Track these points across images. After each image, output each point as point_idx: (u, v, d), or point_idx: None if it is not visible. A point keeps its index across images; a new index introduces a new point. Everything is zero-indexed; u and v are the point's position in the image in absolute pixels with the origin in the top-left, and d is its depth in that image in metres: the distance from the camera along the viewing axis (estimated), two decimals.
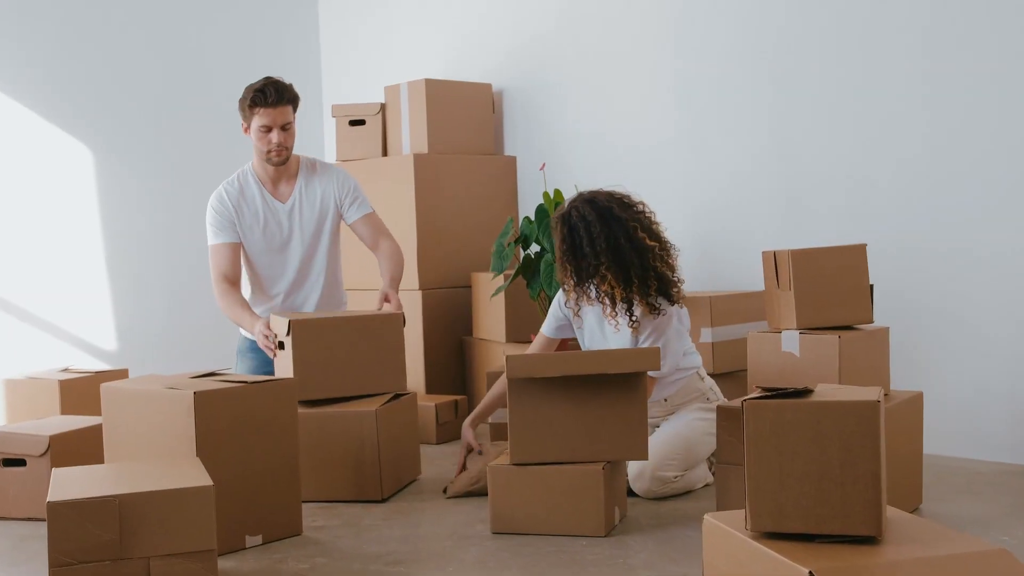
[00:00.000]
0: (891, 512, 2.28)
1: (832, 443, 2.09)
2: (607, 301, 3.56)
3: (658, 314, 3.55)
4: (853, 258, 3.33)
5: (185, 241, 5.97)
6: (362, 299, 5.15)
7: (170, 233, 6.11)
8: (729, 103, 4.85)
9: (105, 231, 5.98)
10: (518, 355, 3.26)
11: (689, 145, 5.00)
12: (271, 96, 4.11)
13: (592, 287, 3.58)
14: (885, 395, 3.29)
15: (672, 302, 3.57)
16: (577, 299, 3.65)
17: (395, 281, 4.20)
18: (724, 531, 2.27)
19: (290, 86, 4.19)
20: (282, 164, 4.22)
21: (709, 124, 4.94)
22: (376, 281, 4.30)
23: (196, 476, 2.83)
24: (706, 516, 2.36)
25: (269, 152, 4.17)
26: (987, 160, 4.03)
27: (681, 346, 3.70)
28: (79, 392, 4.65)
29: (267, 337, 3.90)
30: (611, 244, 3.49)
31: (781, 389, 2.22)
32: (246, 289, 4.38)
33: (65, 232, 5.85)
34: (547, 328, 3.91)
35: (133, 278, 6.06)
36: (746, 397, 2.19)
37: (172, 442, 3.18)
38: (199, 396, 3.12)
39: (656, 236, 3.56)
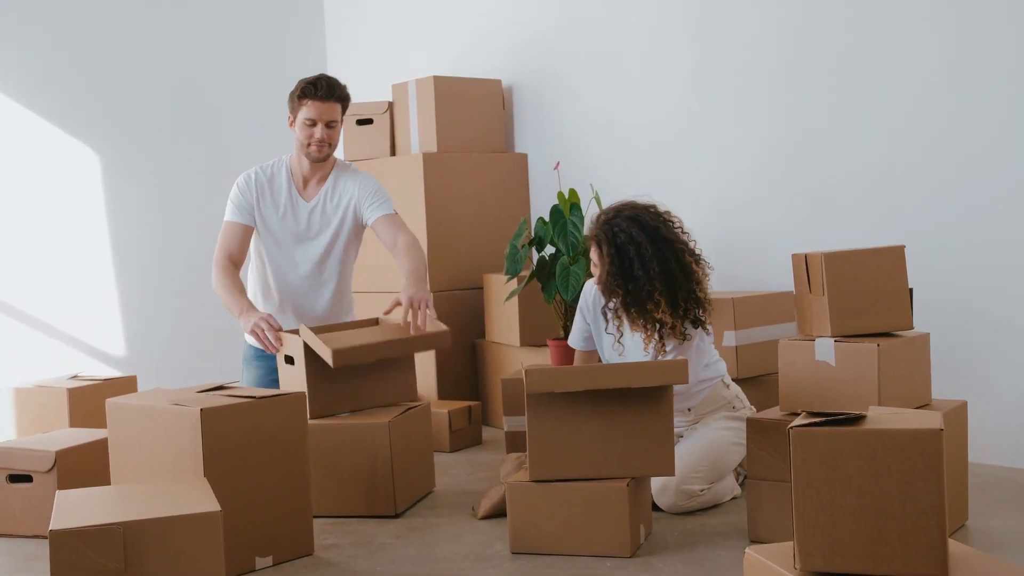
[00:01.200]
0: (951, 547, 2.12)
1: (890, 475, 1.92)
2: (649, 325, 3.44)
3: (684, 339, 3.46)
4: (890, 260, 3.17)
5: (194, 246, 5.87)
6: (369, 303, 5.00)
7: (178, 238, 6.00)
8: (748, 96, 4.71)
9: (113, 236, 5.88)
10: (538, 368, 3.12)
11: (707, 140, 4.86)
12: (322, 90, 4.04)
13: (636, 311, 3.45)
14: (926, 405, 3.14)
15: (697, 326, 3.48)
16: (620, 324, 3.55)
17: (414, 276, 3.94)
18: (769, 569, 2.11)
19: (343, 86, 4.13)
20: (320, 160, 4.11)
21: (727, 118, 4.79)
22: (382, 284, 4.14)
23: (203, 500, 2.70)
24: (748, 551, 2.19)
25: (309, 146, 4.07)
26: None
27: (701, 360, 3.58)
28: (88, 400, 4.58)
29: (264, 331, 3.78)
30: (663, 268, 3.40)
31: (830, 414, 2.05)
32: (250, 286, 4.26)
33: (73, 238, 5.76)
34: (577, 341, 3.83)
35: (141, 283, 5.96)
36: (794, 424, 2.02)
37: (179, 460, 3.06)
38: (206, 413, 3.00)
39: (698, 260, 3.48)
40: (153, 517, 2.56)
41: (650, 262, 3.39)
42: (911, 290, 3.20)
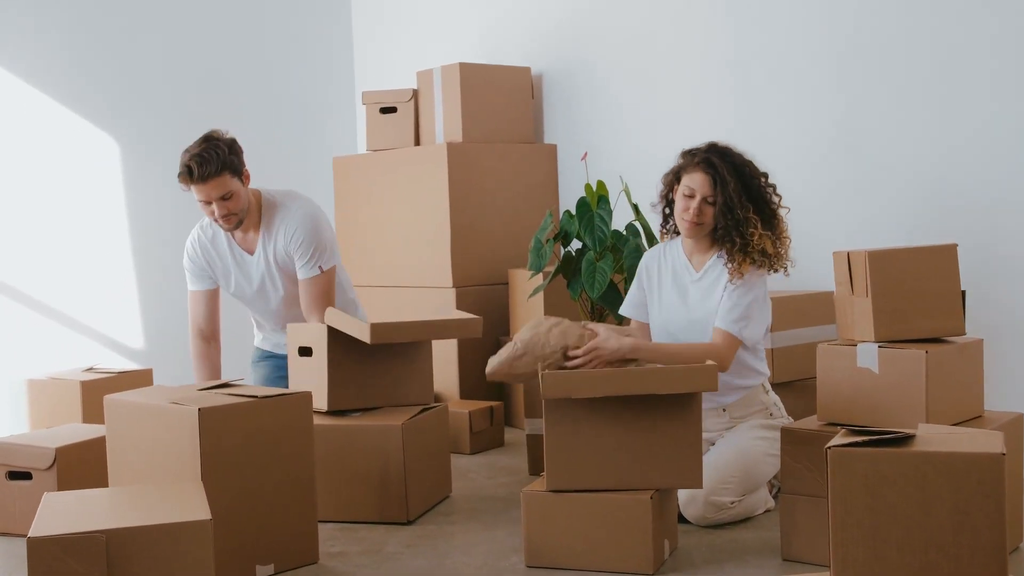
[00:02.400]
0: None
1: (943, 505, 1.69)
2: (738, 255, 3.33)
3: (768, 269, 3.37)
4: (941, 260, 2.94)
5: None
6: (379, 297, 4.84)
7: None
8: (789, 83, 4.52)
9: (132, 227, 5.77)
10: (556, 372, 2.92)
11: (745, 131, 4.65)
12: (196, 172, 3.74)
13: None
14: (978, 417, 2.91)
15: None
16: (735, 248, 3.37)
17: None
18: None
19: (224, 150, 3.79)
20: (236, 228, 3.91)
21: (766, 106, 4.60)
22: (392, 279, 3.96)
23: (194, 507, 2.52)
24: None
25: (216, 222, 3.88)
26: None
27: (764, 320, 3.41)
28: (101, 393, 4.41)
29: None
30: (766, 198, 3.41)
31: (874, 431, 1.82)
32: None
33: (92, 228, 5.66)
34: (629, 309, 3.60)
35: (161, 275, 5.83)
36: (833, 443, 1.80)
37: (177, 461, 2.90)
38: (204, 413, 2.84)
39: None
40: (138, 525, 2.39)
41: (760, 190, 3.38)
42: (963, 292, 2.97)
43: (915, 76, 4.09)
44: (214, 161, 3.73)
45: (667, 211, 3.55)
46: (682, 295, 3.46)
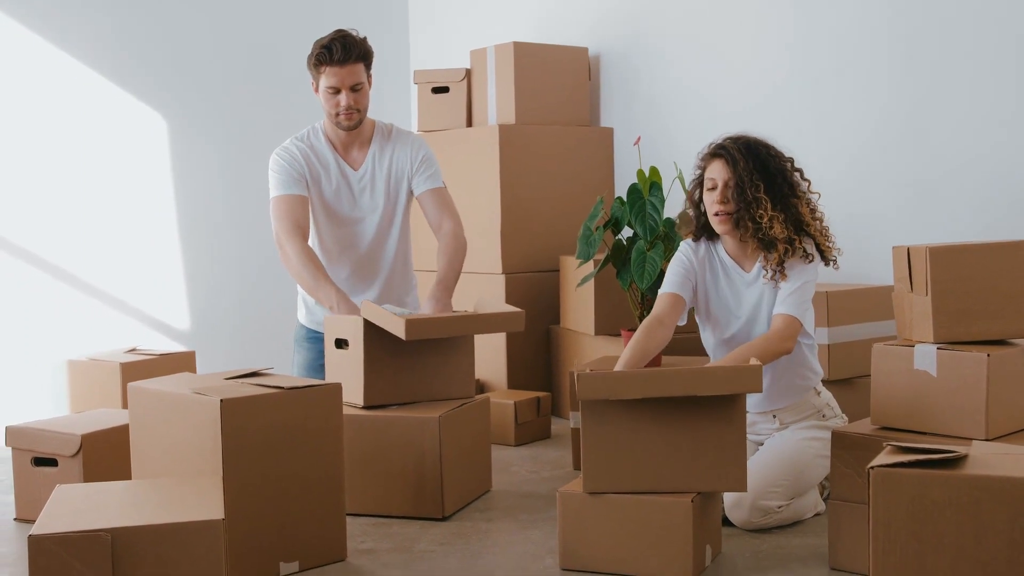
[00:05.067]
0: None
1: (996, 534, 1.52)
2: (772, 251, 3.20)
3: (808, 259, 3.19)
4: (1008, 258, 2.75)
5: (263, 217, 5.62)
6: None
7: (247, 209, 5.78)
8: (853, 68, 4.32)
9: (179, 205, 5.69)
10: (591, 374, 2.78)
11: (805, 119, 4.48)
12: (337, 53, 3.68)
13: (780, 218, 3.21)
14: None
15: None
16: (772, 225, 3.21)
17: (446, 283, 3.69)
18: None
19: (362, 40, 3.76)
20: (353, 128, 3.79)
21: (828, 91, 4.41)
22: (436, 263, 3.83)
23: (208, 505, 2.42)
24: None
25: (338, 115, 3.76)
26: None
27: (811, 314, 3.27)
28: (142, 375, 4.47)
29: None
30: (786, 177, 3.26)
31: (923, 448, 1.65)
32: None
33: (138, 206, 5.59)
34: (675, 286, 3.33)
35: (208, 255, 5.76)
36: (876, 463, 1.63)
37: (198, 453, 2.81)
38: (227, 404, 2.74)
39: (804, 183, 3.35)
40: (146, 524, 2.29)
41: (777, 171, 3.25)
42: None
43: (984, 65, 3.88)
44: (357, 47, 3.72)
45: (699, 221, 3.37)
46: (738, 298, 3.30)
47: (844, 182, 4.31)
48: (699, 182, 3.32)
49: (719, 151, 3.26)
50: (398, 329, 3.29)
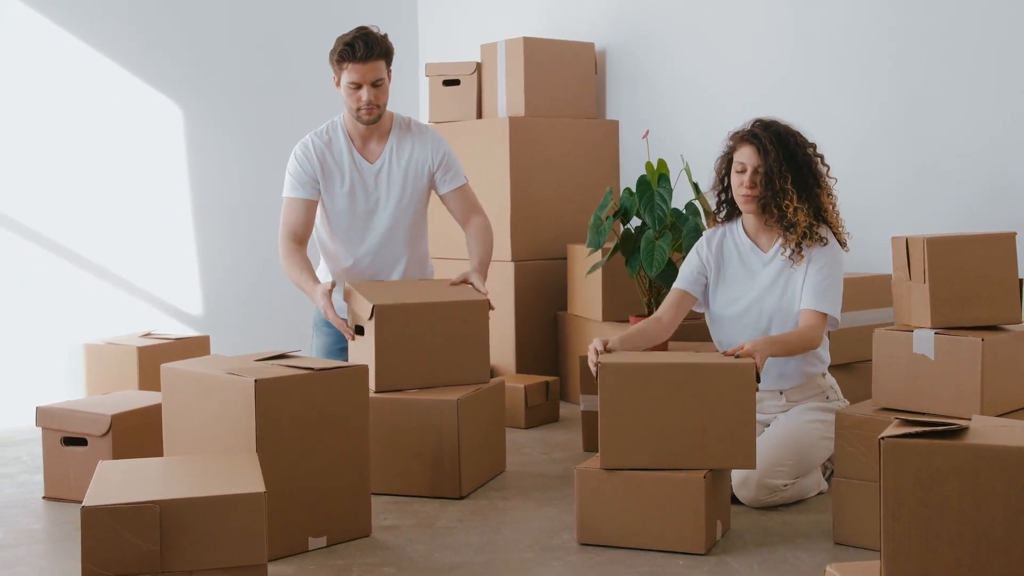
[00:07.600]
0: None
1: (995, 499, 1.66)
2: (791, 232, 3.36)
3: (823, 243, 3.36)
4: (999, 248, 2.90)
5: (277, 204, 5.72)
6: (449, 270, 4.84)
7: (261, 196, 5.87)
8: (851, 60, 4.44)
9: (194, 192, 5.79)
10: (615, 363, 2.95)
11: (807, 112, 4.57)
12: (360, 50, 3.82)
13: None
14: None
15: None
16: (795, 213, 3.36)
17: (483, 266, 3.91)
18: None
19: (383, 38, 3.90)
20: (373, 123, 3.93)
21: (828, 84, 4.53)
22: (446, 250, 3.98)
23: (249, 480, 2.56)
24: (828, 568, 1.95)
25: (359, 110, 3.89)
26: None
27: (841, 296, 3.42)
28: (158, 359, 4.47)
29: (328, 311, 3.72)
30: (812, 167, 3.40)
31: (928, 421, 1.80)
32: (317, 256, 4.12)
33: (153, 193, 5.67)
34: (687, 283, 3.53)
35: (222, 240, 5.86)
36: (886, 433, 1.78)
37: (232, 432, 2.94)
38: (260, 384, 2.86)
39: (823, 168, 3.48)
40: (192, 496, 2.43)
41: (804, 160, 3.38)
42: (1021, 281, 2.93)
43: (982, 60, 4.00)
44: (378, 44, 3.86)
45: (722, 196, 3.53)
46: (752, 276, 3.45)
47: (846, 174, 4.42)
48: (727, 160, 3.46)
49: (751, 138, 3.37)
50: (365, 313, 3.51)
